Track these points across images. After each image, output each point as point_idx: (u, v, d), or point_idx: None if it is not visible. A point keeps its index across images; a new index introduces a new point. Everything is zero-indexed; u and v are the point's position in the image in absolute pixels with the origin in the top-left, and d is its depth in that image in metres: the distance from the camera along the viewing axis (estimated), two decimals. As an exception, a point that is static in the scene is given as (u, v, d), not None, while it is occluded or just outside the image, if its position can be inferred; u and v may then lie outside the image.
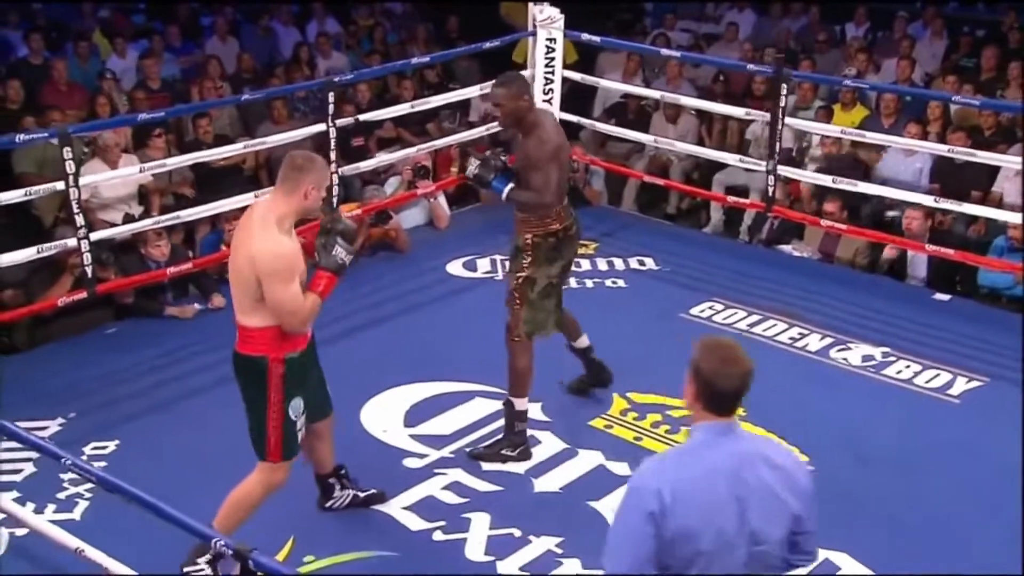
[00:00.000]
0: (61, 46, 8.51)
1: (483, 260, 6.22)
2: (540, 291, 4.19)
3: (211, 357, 5.04)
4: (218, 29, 9.01)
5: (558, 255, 4.19)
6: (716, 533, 2.16)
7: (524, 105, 4.02)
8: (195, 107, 6.98)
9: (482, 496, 4.08)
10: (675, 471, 2.21)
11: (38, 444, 2.96)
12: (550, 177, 4.01)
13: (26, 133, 5.06)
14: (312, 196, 3.28)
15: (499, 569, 3.69)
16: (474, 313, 5.59)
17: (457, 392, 4.79)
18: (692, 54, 8.28)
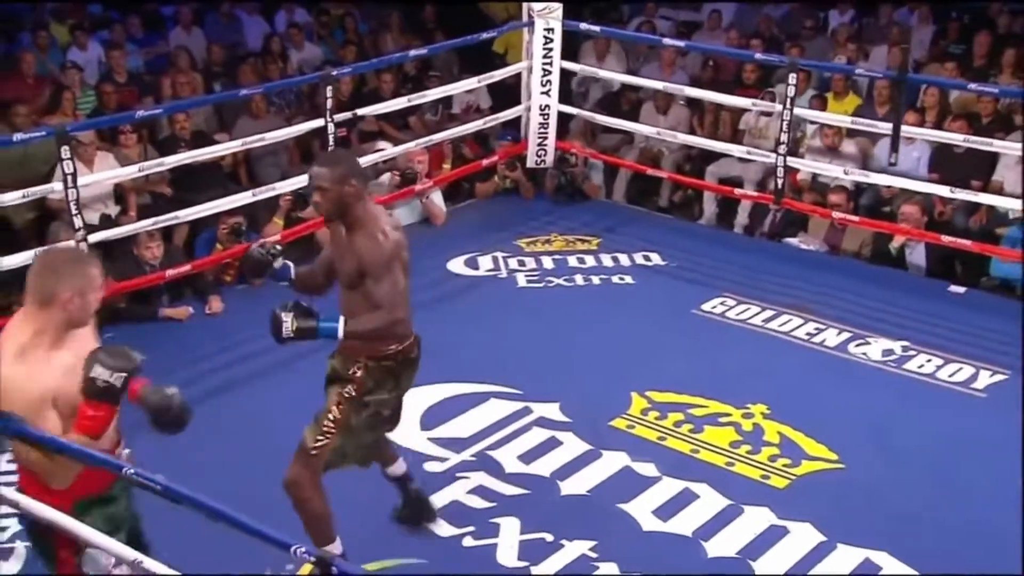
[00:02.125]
0: (15, 38, 8.37)
1: (484, 257, 6.27)
2: (365, 419, 3.50)
3: (211, 362, 5.07)
4: (182, 19, 8.94)
5: (395, 383, 3.54)
6: None
7: (350, 192, 3.30)
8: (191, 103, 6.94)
9: (509, 500, 4.13)
10: None
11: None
12: (397, 284, 3.36)
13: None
14: (74, 305, 2.70)
15: (534, 574, 3.75)
16: (481, 312, 5.66)
17: (472, 393, 4.84)
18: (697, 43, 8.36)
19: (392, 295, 3.35)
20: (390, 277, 3.34)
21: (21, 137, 4.92)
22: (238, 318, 5.43)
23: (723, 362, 5.13)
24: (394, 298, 3.36)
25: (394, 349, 3.47)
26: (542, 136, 6.84)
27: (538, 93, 6.70)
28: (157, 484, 2.61)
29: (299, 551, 2.47)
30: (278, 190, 5.87)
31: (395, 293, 3.36)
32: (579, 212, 6.94)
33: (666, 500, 4.14)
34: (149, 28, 8.98)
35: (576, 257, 6.28)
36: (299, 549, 2.47)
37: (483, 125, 6.84)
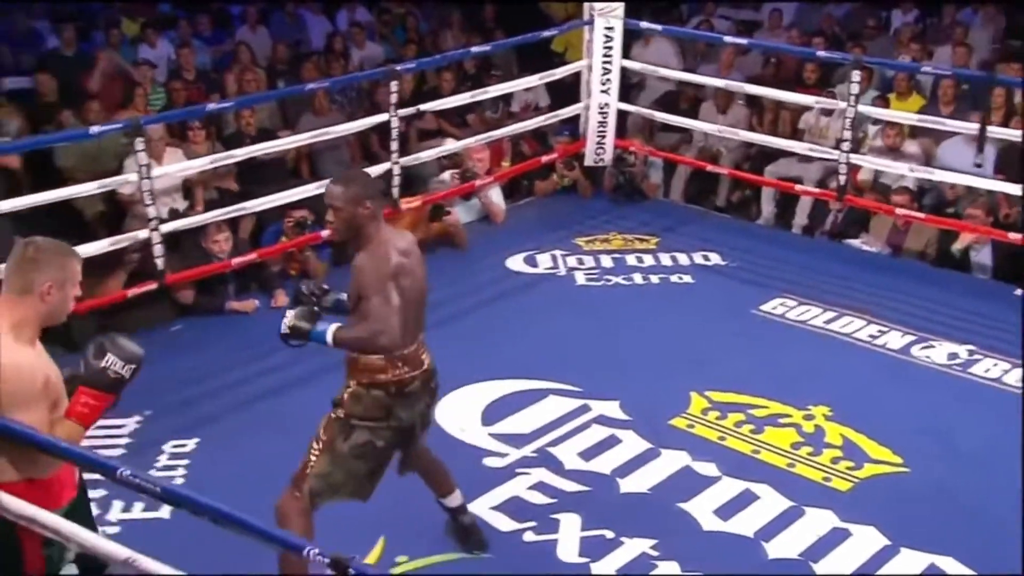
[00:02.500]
0: (89, 35, 8.54)
1: (543, 255, 6.26)
2: (353, 446, 3.29)
3: (280, 357, 5.05)
4: (248, 17, 9.05)
5: (386, 415, 3.30)
6: None
7: (364, 213, 3.18)
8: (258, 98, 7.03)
9: (569, 496, 4.12)
10: None
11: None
12: (390, 301, 3.13)
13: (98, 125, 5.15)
14: (53, 297, 2.66)
15: (594, 571, 3.74)
16: (539, 309, 5.65)
17: (531, 390, 4.83)
18: (760, 41, 8.25)
19: (384, 311, 3.12)
20: (383, 294, 3.13)
21: (97, 130, 5.02)
22: (303, 311, 5.46)
23: (784, 363, 5.07)
24: (387, 315, 3.13)
25: (384, 379, 3.26)
26: (601, 134, 6.81)
27: (598, 91, 6.67)
28: (156, 487, 2.55)
29: (312, 553, 2.44)
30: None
31: (388, 309, 3.13)
32: (637, 211, 6.90)
33: (727, 500, 4.10)
34: (217, 26, 9.10)
35: (635, 256, 6.25)
36: (312, 551, 2.44)
37: (543, 122, 6.83)
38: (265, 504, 3.19)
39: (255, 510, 2.92)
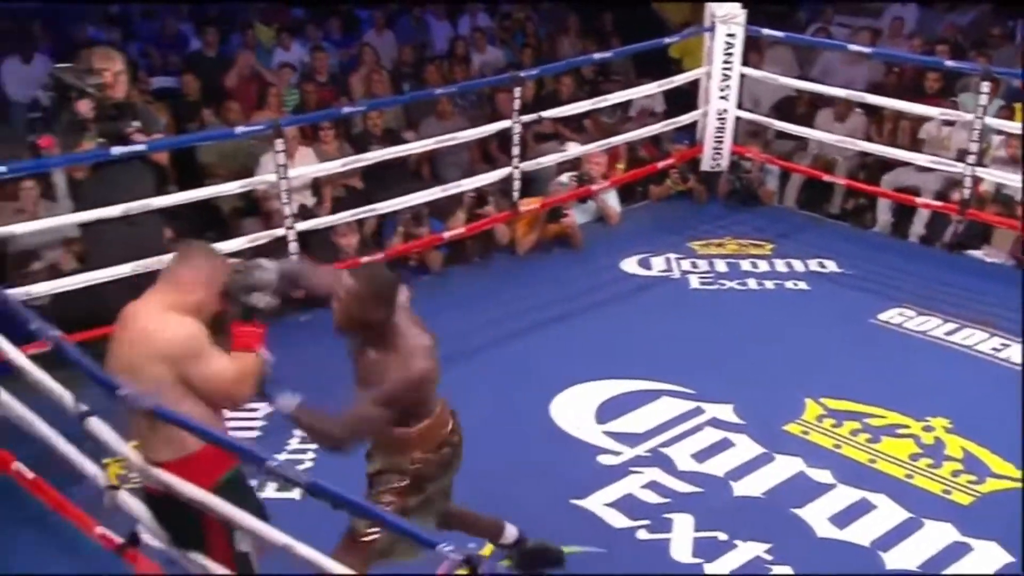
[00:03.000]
0: (226, 38, 8.87)
1: (657, 258, 6.24)
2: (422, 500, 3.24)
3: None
4: (376, 22, 9.25)
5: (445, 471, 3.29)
6: None
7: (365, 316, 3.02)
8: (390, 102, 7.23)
9: (682, 497, 4.11)
10: None
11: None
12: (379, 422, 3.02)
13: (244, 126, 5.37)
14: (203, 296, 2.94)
15: (707, 571, 3.72)
16: (653, 312, 5.63)
17: (644, 391, 4.82)
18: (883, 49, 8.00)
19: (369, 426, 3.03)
20: (384, 410, 3.00)
21: (242, 130, 5.21)
22: (423, 305, 5.51)
23: (902, 373, 4.94)
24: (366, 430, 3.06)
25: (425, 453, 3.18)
26: (718, 140, 6.75)
27: (716, 98, 6.61)
28: (301, 482, 2.64)
29: (446, 549, 2.47)
30: (463, 187, 6.00)
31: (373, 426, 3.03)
32: (752, 217, 6.80)
33: (842, 508, 4.03)
34: (346, 30, 9.34)
35: (749, 261, 6.17)
36: (446, 547, 2.47)
37: (661, 129, 6.79)
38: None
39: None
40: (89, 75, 4.53)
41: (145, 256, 4.72)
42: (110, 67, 4.61)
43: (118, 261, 4.65)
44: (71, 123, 4.57)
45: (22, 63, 7.87)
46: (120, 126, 4.59)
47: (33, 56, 7.87)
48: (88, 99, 4.51)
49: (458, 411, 3.35)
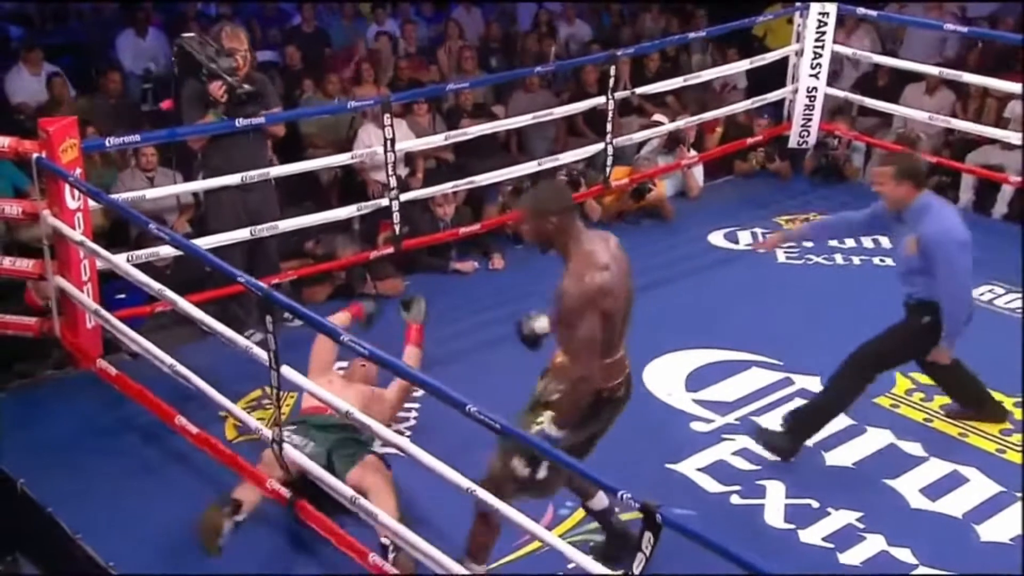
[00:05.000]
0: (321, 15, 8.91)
1: (744, 232, 6.16)
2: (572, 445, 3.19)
3: (493, 314, 5.21)
4: (465, 0, 9.23)
5: (595, 420, 3.21)
6: None
7: (549, 228, 3.09)
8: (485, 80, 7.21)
9: (773, 465, 4.07)
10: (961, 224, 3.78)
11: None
12: (594, 330, 3.00)
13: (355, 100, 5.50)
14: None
15: (801, 538, 3.69)
16: (740, 285, 5.56)
17: (733, 361, 4.78)
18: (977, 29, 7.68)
19: (588, 343, 3.01)
20: (587, 322, 2.99)
21: (355, 104, 5.26)
22: (518, 276, 5.59)
23: (993, 350, 4.77)
24: (591, 347, 3.02)
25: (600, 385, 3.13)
26: (807, 118, 6.60)
27: (806, 75, 6.46)
28: (497, 424, 2.73)
29: (625, 496, 2.50)
30: (560, 161, 5.97)
31: (592, 341, 3.01)
32: (837, 193, 6.65)
33: (934, 480, 3.96)
34: (437, 7, 9.33)
35: (836, 237, 6.04)
36: (625, 495, 2.50)
37: (749, 105, 6.66)
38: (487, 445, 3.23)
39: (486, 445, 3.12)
40: (220, 55, 4.57)
41: (260, 221, 4.80)
42: (240, 47, 4.65)
43: (235, 226, 4.73)
44: (195, 95, 4.63)
45: (136, 37, 8.02)
46: (248, 110, 4.64)
47: (147, 30, 8.01)
48: (220, 82, 4.54)
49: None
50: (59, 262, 4.35)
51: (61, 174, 4.13)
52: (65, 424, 4.26)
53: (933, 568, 3.53)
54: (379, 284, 5.38)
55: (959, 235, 3.85)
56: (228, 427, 4.20)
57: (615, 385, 3.18)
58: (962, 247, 3.84)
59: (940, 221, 3.85)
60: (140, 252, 4.53)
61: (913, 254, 3.85)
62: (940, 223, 3.84)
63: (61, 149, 4.15)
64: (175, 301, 3.68)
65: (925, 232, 3.81)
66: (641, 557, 2.61)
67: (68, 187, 4.18)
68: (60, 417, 4.31)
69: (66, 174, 4.12)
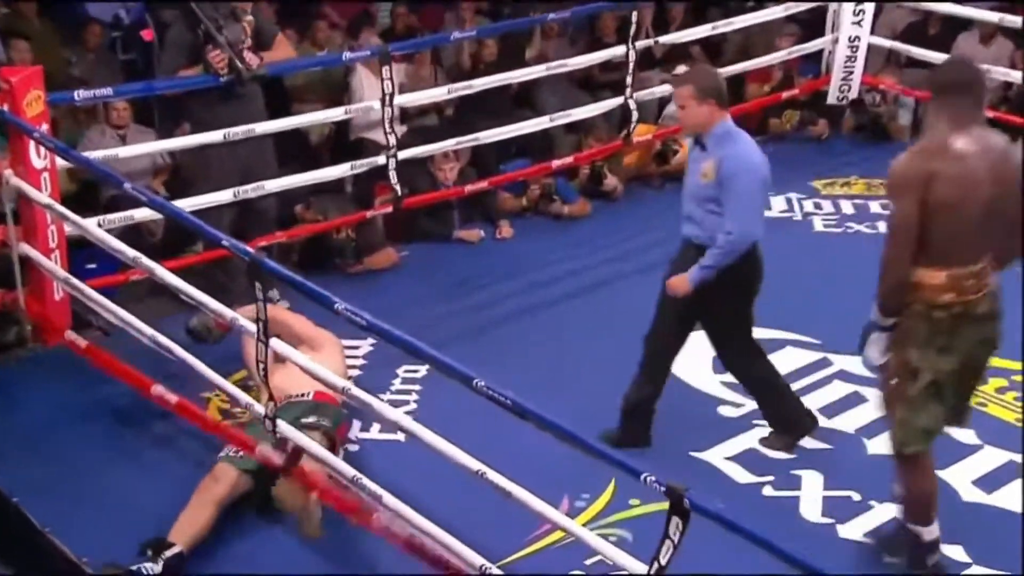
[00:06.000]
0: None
1: (777, 198, 6.13)
2: (923, 388, 3.26)
3: (504, 287, 5.26)
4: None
5: (949, 343, 3.23)
6: None
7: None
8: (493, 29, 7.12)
9: (810, 453, 4.07)
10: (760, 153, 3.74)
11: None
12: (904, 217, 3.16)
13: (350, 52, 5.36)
14: None
15: (840, 533, 3.69)
16: (773, 255, 5.24)
17: (766, 339, 4.62)
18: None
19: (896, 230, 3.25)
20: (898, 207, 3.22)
21: (350, 56, 5.21)
22: (528, 246, 5.60)
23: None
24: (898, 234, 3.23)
25: (948, 299, 3.16)
26: (848, 70, 6.55)
27: (848, 23, 6.40)
28: (507, 399, 2.73)
29: (649, 479, 2.52)
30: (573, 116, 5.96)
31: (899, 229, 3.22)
32: (882, 153, 6.54)
33: (988, 471, 3.96)
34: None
35: (879, 203, 6.02)
36: (649, 477, 2.52)
37: (785, 56, 6.61)
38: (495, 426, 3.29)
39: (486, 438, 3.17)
40: (228, 19, 4.55)
41: (254, 178, 4.79)
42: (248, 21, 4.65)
43: (227, 185, 4.72)
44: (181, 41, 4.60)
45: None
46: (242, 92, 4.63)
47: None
48: (221, 52, 4.50)
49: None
50: (23, 227, 4.34)
51: (25, 129, 4.11)
52: (32, 406, 4.27)
53: (988, 568, 3.52)
54: (368, 258, 5.37)
55: (764, 171, 3.76)
56: (211, 410, 4.21)
57: (973, 298, 3.17)
58: (764, 185, 3.78)
59: (746, 151, 3.74)
60: (112, 216, 4.51)
61: (709, 181, 3.69)
62: (746, 153, 3.73)
63: (25, 102, 4.13)
64: (152, 269, 3.66)
65: (726, 156, 3.67)
66: (669, 545, 2.62)
67: (33, 144, 4.16)
68: (26, 398, 4.32)
69: (31, 129, 4.10)
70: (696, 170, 3.78)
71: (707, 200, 3.73)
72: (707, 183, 3.71)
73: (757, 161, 3.74)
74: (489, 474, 2.95)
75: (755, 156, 3.76)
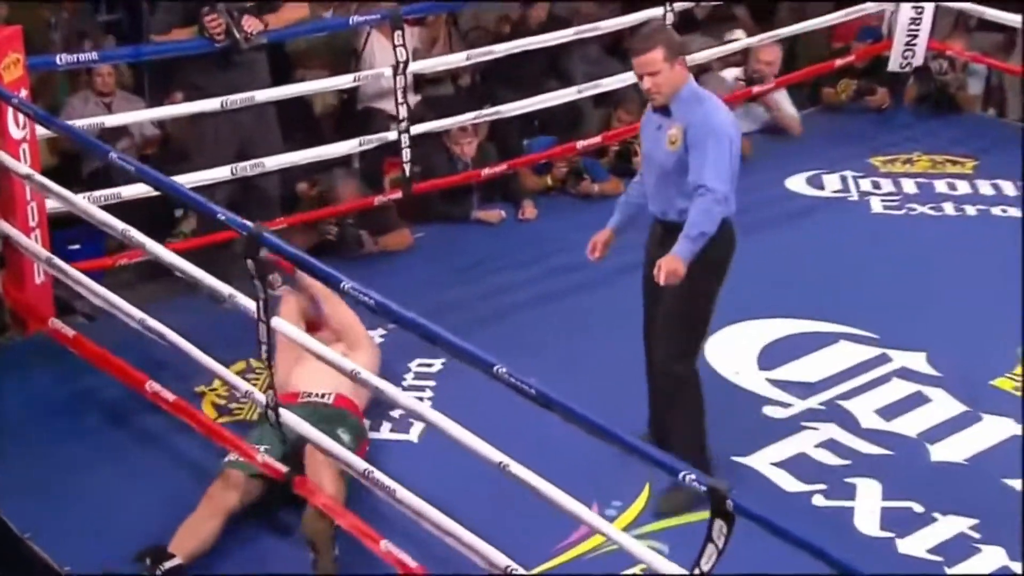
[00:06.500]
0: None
1: (831, 176, 6.13)
2: None
3: (527, 271, 5.25)
4: None
5: None
6: None
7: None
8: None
9: (867, 459, 4.05)
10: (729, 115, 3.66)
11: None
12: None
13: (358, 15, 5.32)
14: None
15: (900, 548, 3.67)
16: (826, 239, 5.56)
17: (816, 332, 4.77)
18: None
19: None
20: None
21: (359, 19, 5.19)
22: (553, 226, 5.58)
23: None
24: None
25: None
26: (912, 34, 6.50)
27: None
28: (531, 388, 2.72)
29: (688, 477, 2.50)
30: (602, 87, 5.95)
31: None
32: (948, 127, 6.61)
33: None
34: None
35: (945, 181, 6.03)
36: (689, 476, 2.50)
37: (843, 18, 6.56)
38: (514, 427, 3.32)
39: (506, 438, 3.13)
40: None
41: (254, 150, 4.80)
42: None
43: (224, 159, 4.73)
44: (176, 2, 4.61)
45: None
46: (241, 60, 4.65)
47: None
48: (218, 15, 4.51)
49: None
50: (0, 203, 4.35)
51: (2, 95, 4.12)
52: (11, 400, 4.28)
53: None
54: (382, 239, 5.36)
55: (733, 132, 3.61)
56: (206, 405, 4.22)
57: None
58: (735, 147, 3.60)
59: (715, 110, 3.61)
60: (98, 194, 4.51)
61: (677, 149, 3.57)
62: (715, 113, 3.60)
63: (2, 66, 4.14)
64: (144, 244, 3.66)
65: (694, 120, 3.56)
66: (712, 550, 2.60)
67: (12, 111, 4.17)
68: (5, 392, 4.33)
69: (9, 96, 4.11)
70: (660, 138, 3.66)
71: (676, 172, 3.62)
72: (675, 151, 3.61)
73: (727, 121, 3.64)
74: (512, 467, 2.94)
75: (725, 116, 3.66)
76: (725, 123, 3.62)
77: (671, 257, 3.48)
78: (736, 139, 3.64)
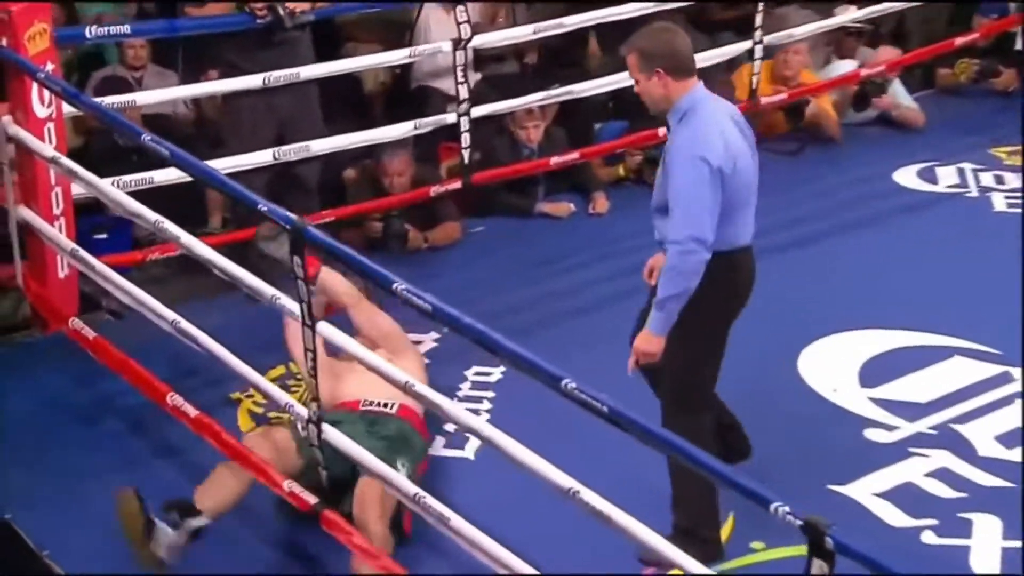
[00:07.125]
0: None
1: (946, 169, 6.13)
2: None
3: (596, 271, 5.28)
4: None
5: None
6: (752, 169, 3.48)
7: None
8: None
9: (985, 492, 4.02)
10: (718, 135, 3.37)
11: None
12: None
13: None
14: None
15: (1022, 593, 3.64)
16: (939, 240, 5.55)
17: (927, 347, 4.76)
18: None
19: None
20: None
21: (409, -9, 5.26)
22: (626, 221, 5.58)
23: None
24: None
25: None
26: (1042, 8, 6.45)
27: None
28: (603, 405, 2.73)
29: (781, 510, 2.49)
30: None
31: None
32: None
33: None
34: None
35: (1080, 177, 6.00)
36: (782, 508, 2.49)
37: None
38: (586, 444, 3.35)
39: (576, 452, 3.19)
40: None
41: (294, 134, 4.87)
42: None
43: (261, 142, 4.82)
44: None
45: None
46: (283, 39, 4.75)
47: None
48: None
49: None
50: (22, 188, 4.44)
51: (28, 69, 4.20)
52: (27, 405, 4.36)
53: None
54: (430, 233, 5.41)
55: (716, 159, 3.32)
56: (242, 414, 4.29)
57: None
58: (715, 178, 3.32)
59: (698, 133, 3.36)
60: (128, 178, 4.58)
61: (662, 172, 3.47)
62: (696, 136, 3.35)
63: (27, 36, 4.22)
64: (179, 237, 3.72)
65: (675, 141, 3.40)
66: None
67: (37, 87, 4.25)
68: (20, 396, 4.41)
69: (35, 69, 4.19)
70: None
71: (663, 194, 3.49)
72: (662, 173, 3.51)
73: (707, 144, 3.34)
74: (583, 493, 2.92)
75: (708, 139, 3.37)
76: (704, 147, 3.35)
77: (643, 336, 3.44)
78: (725, 165, 3.37)
